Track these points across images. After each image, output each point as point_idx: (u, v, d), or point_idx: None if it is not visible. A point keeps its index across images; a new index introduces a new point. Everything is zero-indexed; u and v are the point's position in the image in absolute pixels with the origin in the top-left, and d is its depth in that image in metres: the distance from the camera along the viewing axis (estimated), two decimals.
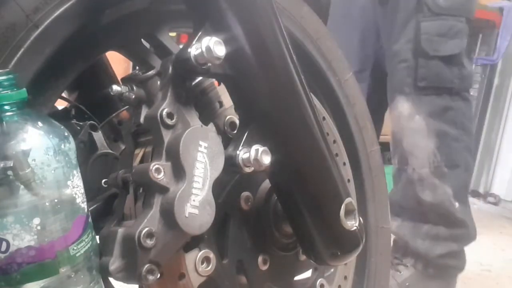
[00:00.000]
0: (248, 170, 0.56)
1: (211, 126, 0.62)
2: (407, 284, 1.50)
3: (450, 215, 1.48)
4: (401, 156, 1.51)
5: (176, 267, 0.56)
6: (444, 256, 1.50)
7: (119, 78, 0.83)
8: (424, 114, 1.45)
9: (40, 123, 0.46)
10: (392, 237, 1.50)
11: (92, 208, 0.62)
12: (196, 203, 0.51)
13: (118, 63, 0.95)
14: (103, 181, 0.71)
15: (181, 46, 0.56)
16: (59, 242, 0.45)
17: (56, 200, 0.45)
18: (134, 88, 0.61)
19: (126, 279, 0.51)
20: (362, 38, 1.66)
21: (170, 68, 0.55)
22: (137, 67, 0.71)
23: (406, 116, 1.47)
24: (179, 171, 0.51)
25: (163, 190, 0.51)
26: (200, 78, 0.61)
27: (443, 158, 1.46)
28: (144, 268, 0.49)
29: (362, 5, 1.64)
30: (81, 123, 0.74)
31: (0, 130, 0.43)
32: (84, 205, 0.49)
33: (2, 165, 0.42)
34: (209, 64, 0.53)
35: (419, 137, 1.47)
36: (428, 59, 1.43)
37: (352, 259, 0.74)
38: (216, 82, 0.64)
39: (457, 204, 1.49)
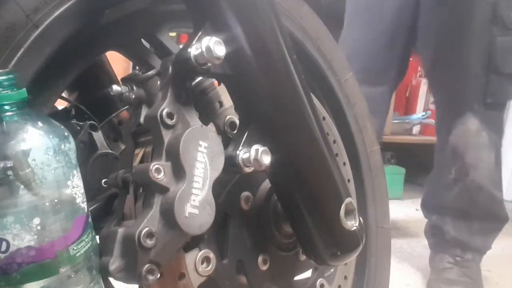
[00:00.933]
0: (248, 170, 0.56)
1: (211, 126, 0.62)
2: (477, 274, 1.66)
3: (499, 214, 1.63)
4: (460, 168, 1.58)
5: (176, 267, 0.56)
6: (491, 243, 1.68)
7: (119, 78, 0.83)
8: (488, 129, 1.52)
9: (40, 123, 0.45)
10: (447, 236, 1.66)
11: (92, 208, 0.62)
12: (196, 203, 0.51)
13: (118, 63, 0.95)
14: (103, 181, 0.71)
15: (181, 46, 0.56)
16: (59, 242, 0.45)
17: (56, 200, 0.45)
18: (134, 88, 0.61)
19: (126, 279, 0.51)
20: (391, 38, 1.64)
21: (170, 68, 0.55)
22: (137, 67, 0.71)
23: (474, 132, 1.52)
24: (179, 171, 0.51)
25: (163, 190, 0.51)
26: (200, 78, 0.61)
27: (498, 167, 1.58)
28: (144, 268, 0.49)
29: (398, 5, 1.61)
30: (81, 123, 0.74)
31: (0, 130, 0.43)
32: (84, 205, 0.48)
33: (2, 165, 0.42)
34: (209, 64, 0.53)
35: (484, 151, 1.55)
36: (499, 75, 1.45)
37: (352, 259, 0.74)
38: (216, 82, 0.64)
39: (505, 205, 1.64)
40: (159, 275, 0.50)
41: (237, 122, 0.63)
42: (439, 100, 1.67)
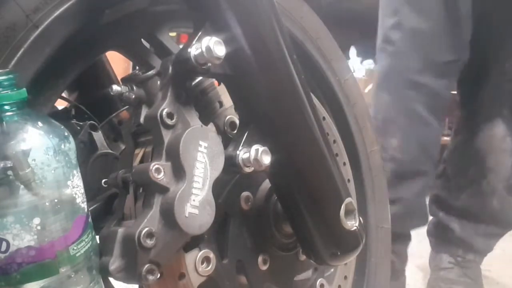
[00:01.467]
0: (248, 170, 0.56)
1: (211, 126, 0.62)
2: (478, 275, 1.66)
3: (508, 220, 1.61)
4: (479, 171, 1.55)
5: (176, 267, 0.56)
6: (494, 246, 1.66)
7: (119, 78, 0.83)
8: None
9: (40, 123, 0.45)
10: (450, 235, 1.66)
11: (92, 208, 0.62)
12: (196, 203, 0.51)
13: (118, 63, 0.95)
14: (103, 181, 0.71)
15: (181, 46, 0.56)
16: (59, 242, 0.45)
17: (56, 200, 0.45)
18: (134, 88, 0.61)
19: (126, 279, 0.51)
20: (458, 18, 1.33)
21: (170, 68, 0.55)
22: (137, 67, 0.71)
23: (500, 137, 1.50)
24: (179, 171, 0.51)
25: (163, 190, 0.51)
26: (200, 78, 0.61)
27: None
28: (144, 268, 0.49)
29: None
30: (81, 123, 0.74)
31: (0, 130, 0.43)
32: (84, 205, 0.48)
33: (2, 165, 0.42)
34: (209, 64, 0.53)
35: (505, 157, 1.52)
36: None
37: (352, 259, 0.74)
38: (216, 82, 0.64)
39: None
40: (159, 275, 0.50)
41: (237, 122, 0.63)
42: (467, 102, 1.60)
